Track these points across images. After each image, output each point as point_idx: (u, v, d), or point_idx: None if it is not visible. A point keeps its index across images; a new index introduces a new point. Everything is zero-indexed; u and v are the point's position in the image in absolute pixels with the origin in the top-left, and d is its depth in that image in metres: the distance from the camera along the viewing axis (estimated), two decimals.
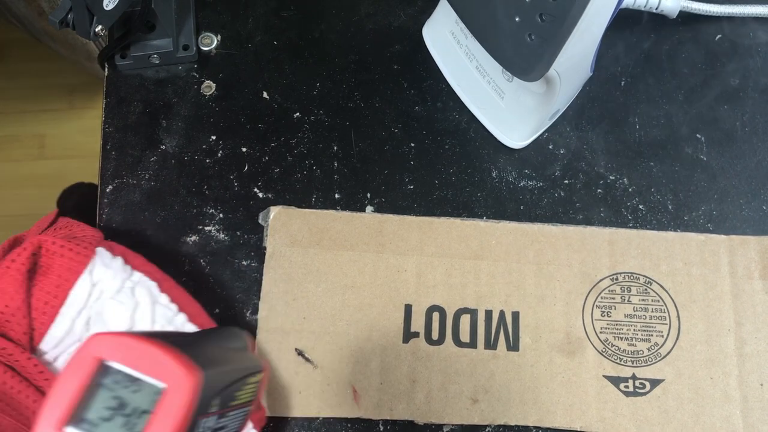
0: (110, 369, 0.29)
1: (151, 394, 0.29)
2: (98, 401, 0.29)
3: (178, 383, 0.29)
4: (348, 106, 0.58)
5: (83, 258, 0.47)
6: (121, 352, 0.29)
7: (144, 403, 0.29)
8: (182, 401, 0.28)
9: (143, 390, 0.29)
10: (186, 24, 0.59)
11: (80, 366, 0.29)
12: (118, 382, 0.29)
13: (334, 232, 0.54)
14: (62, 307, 0.46)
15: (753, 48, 0.60)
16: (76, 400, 0.29)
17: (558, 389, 0.50)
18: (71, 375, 0.29)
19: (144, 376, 0.29)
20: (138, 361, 0.29)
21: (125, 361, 0.29)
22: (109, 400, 0.29)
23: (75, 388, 0.29)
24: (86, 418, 0.29)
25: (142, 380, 0.29)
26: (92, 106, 1.33)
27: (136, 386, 0.29)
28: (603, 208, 0.56)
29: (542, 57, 0.45)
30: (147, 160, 0.57)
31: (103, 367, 0.29)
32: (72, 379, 0.29)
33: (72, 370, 0.29)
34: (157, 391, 0.29)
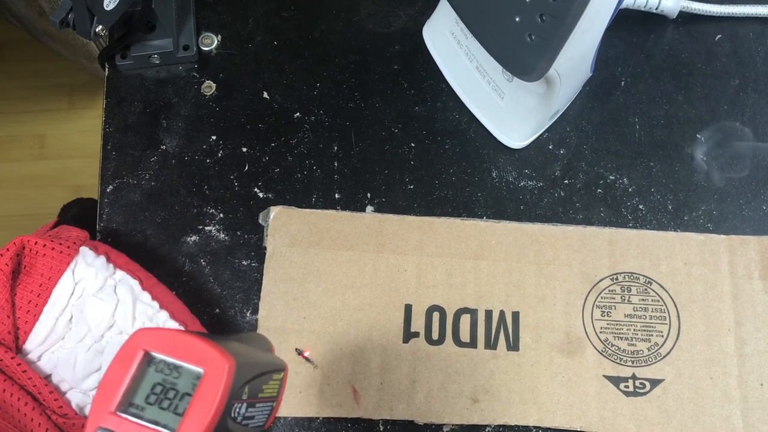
0: (154, 358, 0.33)
1: (191, 378, 0.32)
2: (144, 387, 0.33)
3: (215, 368, 0.32)
4: (348, 106, 0.58)
5: (66, 257, 0.47)
6: (164, 343, 0.33)
7: (185, 387, 0.32)
8: (219, 383, 0.32)
9: (183, 376, 0.33)
10: (186, 24, 0.59)
11: (127, 357, 0.33)
12: (160, 370, 0.33)
13: (334, 232, 0.54)
14: (46, 306, 0.46)
15: (753, 48, 0.60)
16: (125, 387, 0.32)
17: (558, 389, 0.50)
18: (120, 365, 0.33)
19: (184, 364, 0.33)
20: (178, 351, 0.33)
21: (167, 351, 0.33)
22: (153, 386, 0.33)
23: (123, 377, 0.32)
24: (134, 402, 0.32)
25: (182, 367, 0.33)
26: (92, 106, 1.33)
27: (176, 373, 0.33)
28: (603, 208, 0.56)
29: (542, 57, 0.45)
30: (147, 160, 0.57)
31: (148, 356, 0.33)
32: (120, 369, 0.32)
33: (120, 361, 0.33)
34: (197, 375, 0.32)
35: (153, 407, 0.32)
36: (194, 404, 0.32)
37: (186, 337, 0.33)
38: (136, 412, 0.32)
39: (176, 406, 0.32)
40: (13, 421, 0.46)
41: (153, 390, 0.33)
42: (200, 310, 0.53)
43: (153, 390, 0.33)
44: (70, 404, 0.47)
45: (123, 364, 0.33)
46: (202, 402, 0.32)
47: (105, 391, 0.32)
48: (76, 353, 0.47)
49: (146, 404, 0.32)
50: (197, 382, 0.32)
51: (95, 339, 0.47)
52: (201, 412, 0.32)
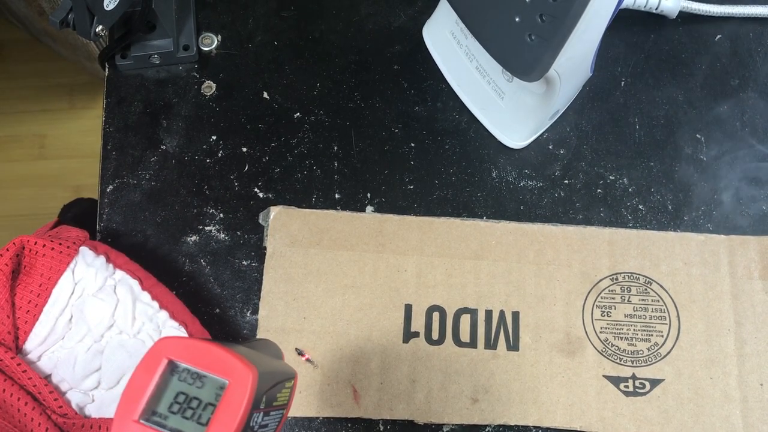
0: (178, 367, 0.33)
1: (215, 388, 0.32)
2: (167, 396, 0.33)
3: (239, 378, 0.32)
4: (348, 106, 0.58)
5: (65, 257, 0.47)
6: (188, 353, 0.33)
7: (208, 396, 0.32)
8: (244, 394, 0.32)
9: (207, 385, 0.33)
10: (186, 24, 0.59)
11: (151, 365, 0.33)
12: (184, 379, 0.33)
13: (334, 232, 0.54)
14: (45, 306, 0.46)
15: (753, 48, 0.60)
16: (149, 395, 0.32)
17: (558, 389, 0.50)
18: (143, 373, 0.33)
19: (208, 373, 0.33)
20: (202, 360, 0.33)
21: (191, 360, 0.33)
22: (176, 395, 0.33)
23: (147, 385, 0.32)
24: (158, 411, 0.32)
25: (206, 377, 0.33)
26: (92, 106, 1.33)
27: (200, 382, 0.33)
28: (603, 208, 0.56)
29: (542, 57, 0.45)
30: (147, 160, 0.57)
31: (172, 365, 0.33)
32: (144, 377, 0.32)
33: (144, 369, 0.33)
34: (220, 385, 0.32)
35: (176, 416, 0.32)
36: (218, 415, 0.32)
37: (210, 347, 0.33)
38: (159, 420, 0.32)
39: (199, 416, 0.32)
40: (13, 421, 0.46)
41: (176, 399, 0.33)
42: (200, 310, 0.53)
43: (176, 399, 0.33)
44: (70, 404, 0.47)
45: (147, 372, 0.33)
46: (227, 413, 0.32)
47: (129, 399, 0.32)
48: (76, 353, 0.47)
49: (169, 413, 0.32)
50: (221, 392, 0.32)
51: (95, 339, 0.47)
52: (225, 422, 0.32)
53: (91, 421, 0.47)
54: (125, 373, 0.47)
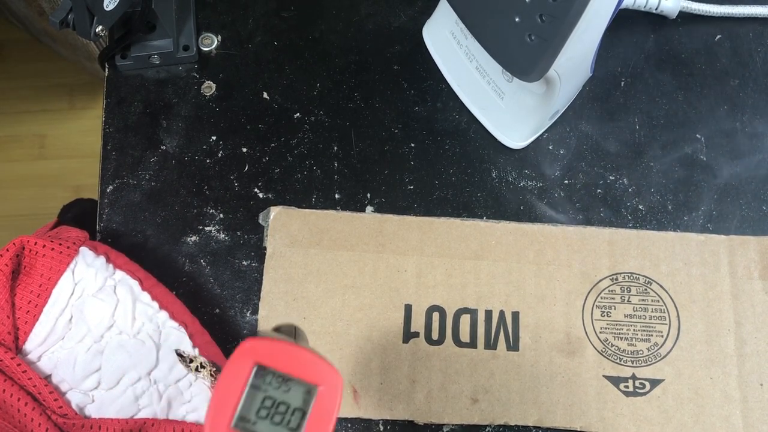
0: (265, 371, 0.32)
1: (302, 393, 0.32)
2: (255, 401, 0.32)
3: (330, 383, 0.32)
4: (348, 106, 0.58)
5: (65, 257, 0.47)
6: (276, 356, 0.32)
7: (295, 401, 0.32)
8: (335, 399, 0.32)
9: (293, 390, 0.32)
10: (186, 24, 0.59)
11: (239, 369, 0.32)
12: (270, 383, 0.32)
13: (334, 232, 0.54)
14: (45, 306, 0.46)
15: (753, 48, 0.60)
16: (240, 401, 0.32)
17: (558, 389, 0.50)
18: (232, 378, 0.32)
19: (296, 378, 0.32)
20: (290, 364, 0.32)
21: (279, 365, 0.32)
22: (263, 399, 0.32)
23: (236, 390, 0.32)
24: (247, 417, 0.32)
25: (293, 381, 0.32)
26: (92, 107, 1.33)
27: (286, 387, 0.32)
28: (603, 208, 0.56)
29: (542, 57, 0.45)
30: (147, 161, 0.57)
31: (259, 369, 0.32)
32: (233, 382, 0.32)
33: (231, 374, 0.32)
34: (308, 390, 0.32)
35: (265, 422, 0.32)
36: (313, 420, 0.32)
37: (296, 350, 0.33)
38: (249, 427, 0.32)
39: (289, 422, 0.32)
40: (13, 422, 0.46)
41: (263, 404, 0.32)
42: (200, 310, 0.53)
43: (263, 404, 0.32)
44: (70, 404, 0.47)
45: (235, 377, 0.32)
46: (321, 418, 0.32)
47: (220, 404, 0.32)
48: (76, 353, 0.47)
49: (258, 418, 0.32)
50: (308, 397, 0.32)
51: (95, 339, 0.47)
52: (319, 428, 0.32)
53: (91, 421, 0.47)
54: (125, 373, 0.47)
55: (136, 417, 0.47)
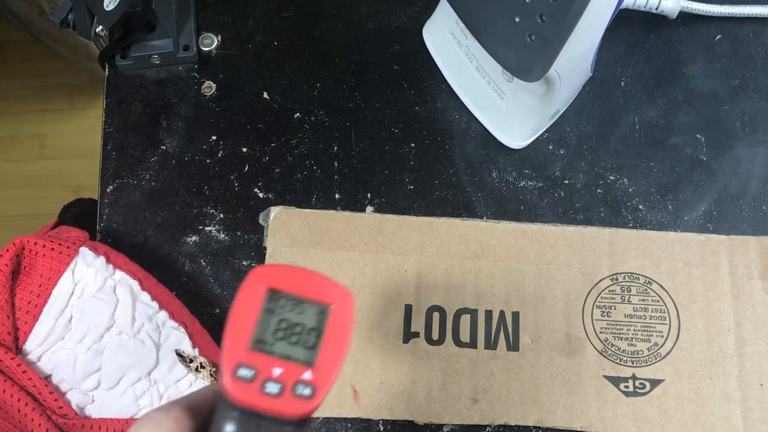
0: (277, 294, 0.33)
1: (315, 313, 0.33)
2: (271, 324, 0.33)
3: (343, 302, 0.33)
4: (348, 106, 0.58)
5: (65, 257, 0.47)
6: (287, 280, 0.33)
7: (310, 321, 0.33)
8: (350, 316, 0.33)
9: (307, 311, 0.33)
10: (186, 24, 0.59)
11: (252, 294, 0.33)
12: (283, 306, 0.33)
13: (334, 232, 0.54)
14: (45, 307, 0.46)
15: (753, 48, 0.60)
16: (254, 324, 0.32)
17: (558, 389, 0.50)
18: (246, 303, 0.33)
19: (308, 299, 0.33)
20: (302, 286, 0.33)
21: (291, 287, 0.33)
22: (279, 322, 0.33)
23: (252, 313, 0.32)
24: (263, 339, 0.32)
25: (306, 302, 0.33)
26: (93, 106, 1.33)
27: (300, 308, 0.33)
28: (603, 208, 0.56)
29: (542, 57, 0.45)
30: (147, 161, 0.57)
31: (272, 293, 0.33)
32: (247, 307, 0.33)
33: (245, 299, 0.33)
34: (322, 310, 0.33)
35: (282, 342, 0.32)
36: (328, 337, 0.32)
37: (306, 273, 0.34)
38: (266, 348, 0.32)
39: (306, 341, 0.32)
40: (13, 422, 0.46)
41: (279, 326, 0.33)
42: (200, 310, 0.53)
43: (279, 326, 0.33)
44: (70, 404, 0.47)
45: (249, 301, 0.33)
46: (337, 335, 0.32)
47: (236, 328, 0.32)
48: (76, 353, 0.47)
49: (275, 340, 0.32)
50: (322, 317, 0.33)
51: (95, 339, 0.47)
52: (336, 344, 0.32)
53: (91, 421, 0.47)
54: (125, 374, 0.47)
55: (136, 417, 0.47)
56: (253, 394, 0.31)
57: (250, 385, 0.31)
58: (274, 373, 0.31)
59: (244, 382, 0.31)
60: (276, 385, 0.31)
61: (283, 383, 0.31)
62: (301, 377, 0.31)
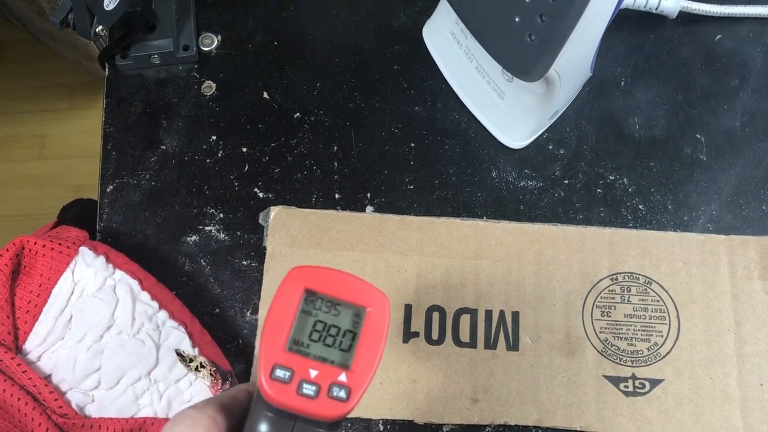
0: (314, 296, 0.33)
1: (351, 316, 0.33)
2: (307, 325, 0.33)
3: (378, 305, 0.33)
4: (348, 106, 0.58)
5: (65, 257, 0.47)
6: (324, 282, 0.34)
7: (346, 324, 0.33)
8: (384, 319, 0.33)
9: (343, 313, 0.33)
10: (186, 24, 0.59)
11: (290, 295, 0.33)
12: (320, 308, 0.33)
13: (334, 232, 0.54)
14: (45, 306, 0.47)
15: (753, 48, 0.60)
16: (291, 325, 0.33)
17: (558, 389, 0.50)
18: (283, 303, 0.33)
19: (344, 301, 0.33)
20: (339, 288, 0.33)
21: (328, 289, 0.33)
22: (315, 323, 0.33)
23: (288, 314, 0.33)
24: (300, 340, 0.33)
25: (342, 304, 0.33)
26: (92, 106, 1.33)
27: (336, 310, 0.33)
28: (603, 208, 0.56)
29: (542, 57, 0.45)
30: (147, 160, 0.57)
31: (309, 294, 0.33)
32: (285, 307, 0.33)
33: (283, 300, 0.33)
34: (357, 313, 0.33)
35: (317, 344, 0.33)
36: (364, 340, 0.33)
37: (343, 275, 0.34)
38: (302, 349, 0.32)
39: (341, 343, 0.33)
40: (13, 421, 0.46)
41: (315, 327, 0.33)
42: (200, 310, 0.53)
43: (315, 327, 0.33)
44: (70, 404, 0.47)
45: (286, 302, 0.33)
46: (372, 338, 0.33)
47: (274, 328, 0.32)
48: (76, 353, 0.47)
49: (311, 341, 0.33)
50: (358, 319, 0.33)
51: (95, 339, 0.47)
52: (372, 348, 0.33)
53: (91, 421, 0.47)
54: (125, 373, 0.47)
55: (136, 416, 0.47)
56: (290, 394, 0.31)
57: (287, 386, 0.31)
58: (311, 374, 0.32)
59: (280, 383, 0.31)
60: (312, 386, 0.31)
61: (319, 385, 0.31)
62: (337, 379, 0.32)
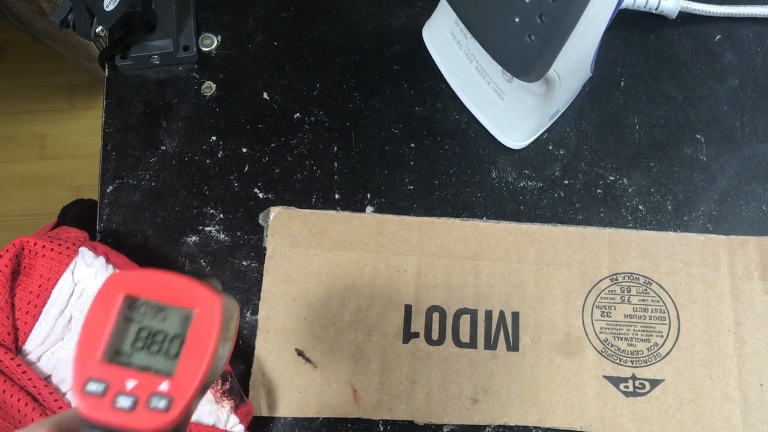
0: (136, 302, 0.31)
1: (179, 320, 0.31)
2: (129, 333, 0.31)
3: (208, 306, 0.31)
4: (348, 106, 0.58)
5: (65, 258, 0.47)
6: (146, 285, 0.31)
7: (173, 328, 0.31)
8: (215, 321, 0.31)
9: (170, 318, 0.31)
10: (186, 24, 0.59)
11: (107, 302, 0.31)
12: (144, 313, 0.31)
13: (334, 232, 0.54)
14: (45, 307, 0.47)
15: (753, 48, 0.60)
16: (109, 334, 0.30)
17: (558, 389, 0.50)
18: (99, 311, 0.30)
19: (170, 305, 0.31)
20: (162, 292, 0.31)
21: (150, 293, 0.31)
22: (138, 330, 0.31)
23: (105, 323, 0.30)
24: (121, 350, 0.30)
25: (168, 308, 0.31)
26: (92, 107, 1.33)
27: (162, 315, 0.31)
28: (603, 208, 0.56)
29: (542, 57, 0.45)
30: (147, 161, 0.57)
31: (129, 300, 0.31)
32: (101, 315, 0.30)
33: (99, 307, 0.31)
34: (185, 316, 0.31)
35: (142, 353, 0.30)
36: (189, 345, 0.30)
37: (169, 277, 0.31)
38: (124, 359, 0.30)
39: (167, 350, 0.30)
40: (13, 422, 0.46)
41: (139, 335, 0.31)
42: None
43: (139, 335, 0.31)
44: (70, 405, 0.47)
45: (103, 310, 0.30)
46: (198, 342, 0.30)
47: (87, 340, 0.30)
48: None
49: (134, 350, 0.30)
50: (187, 322, 0.31)
51: None
52: (198, 352, 0.30)
53: None
54: None
55: None
56: (104, 409, 0.29)
57: (101, 400, 0.29)
58: (128, 385, 0.30)
59: (93, 397, 0.29)
60: (128, 398, 0.29)
61: (137, 396, 0.29)
62: (157, 389, 0.29)
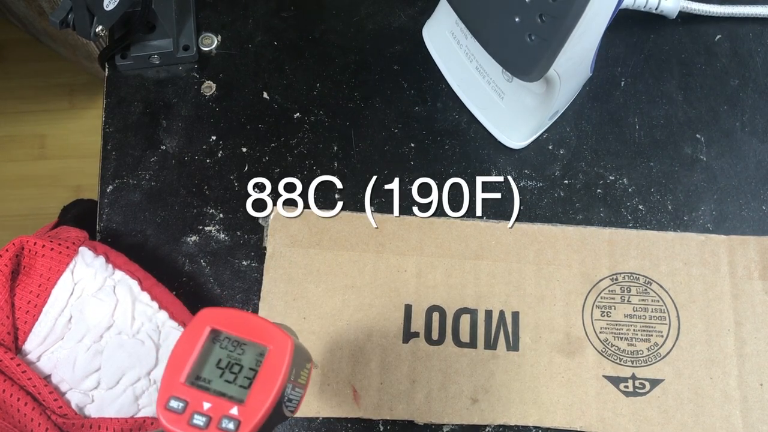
0: (220, 335, 0.36)
1: (255, 355, 0.36)
2: (210, 362, 0.36)
3: (279, 345, 0.36)
4: (348, 106, 0.58)
5: (65, 257, 0.47)
6: (230, 322, 0.36)
7: (249, 362, 0.36)
8: (283, 359, 0.35)
9: (247, 352, 0.36)
10: (186, 24, 0.59)
11: (195, 333, 0.36)
12: (225, 346, 0.36)
13: (334, 232, 0.54)
14: (45, 306, 0.47)
15: (753, 48, 0.60)
16: (194, 360, 0.35)
17: (558, 389, 0.50)
18: (188, 340, 0.36)
19: (248, 341, 0.36)
20: (243, 329, 0.36)
21: (233, 329, 0.36)
22: (218, 360, 0.36)
23: (191, 351, 0.35)
24: (202, 375, 0.35)
25: (246, 344, 0.36)
26: (92, 106, 1.33)
27: (241, 349, 0.36)
28: (603, 208, 0.56)
29: (542, 57, 0.45)
30: (147, 161, 0.57)
31: (214, 333, 0.36)
32: (189, 344, 0.36)
33: (188, 337, 0.36)
34: (260, 352, 0.36)
35: (219, 380, 0.35)
36: (261, 377, 0.35)
37: (249, 317, 0.36)
38: (203, 384, 0.35)
39: (241, 380, 0.35)
40: (13, 422, 0.46)
41: (218, 364, 0.35)
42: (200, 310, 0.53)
43: (218, 364, 0.35)
44: (69, 404, 0.47)
45: (191, 340, 0.36)
46: (268, 375, 0.35)
47: (175, 364, 0.35)
48: (76, 353, 0.47)
49: (213, 377, 0.35)
50: (261, 358, 0.35)
51: (94, 339, 0.47)
52: (267, 384, 0.35)
53: (90, 421, 0.47)
54: (125, 373, 0.47)
55: (135, 416, 0.48)
56: (181, 424, 0.34)
57: (180, 417, 0.34)
58: (204, 406, 0.34)
59: (174, 413, 0.34)
60: (203, 417, 0.34)
61: (210, 417, 0.34)
62: (229, 412, 0.34)
